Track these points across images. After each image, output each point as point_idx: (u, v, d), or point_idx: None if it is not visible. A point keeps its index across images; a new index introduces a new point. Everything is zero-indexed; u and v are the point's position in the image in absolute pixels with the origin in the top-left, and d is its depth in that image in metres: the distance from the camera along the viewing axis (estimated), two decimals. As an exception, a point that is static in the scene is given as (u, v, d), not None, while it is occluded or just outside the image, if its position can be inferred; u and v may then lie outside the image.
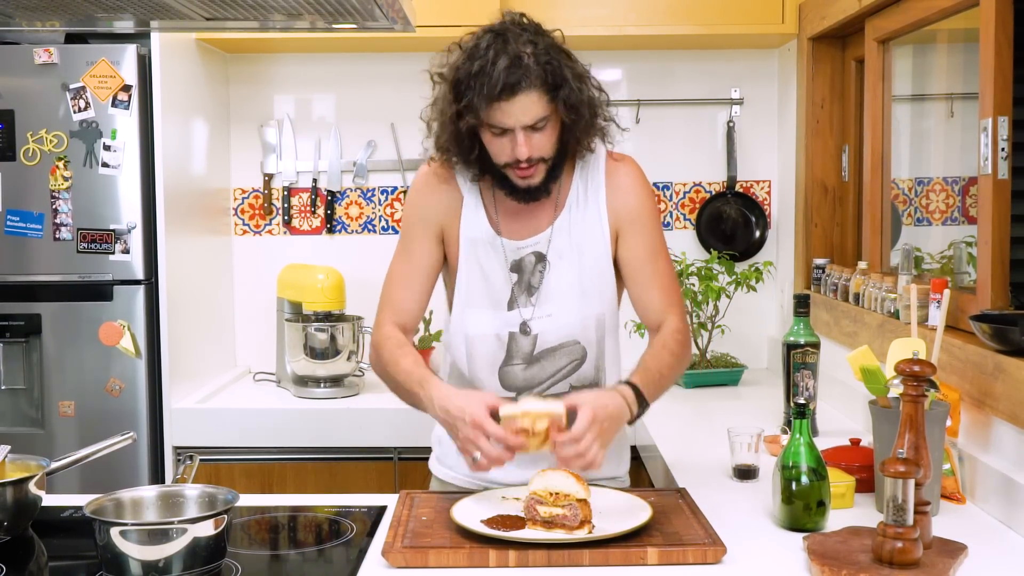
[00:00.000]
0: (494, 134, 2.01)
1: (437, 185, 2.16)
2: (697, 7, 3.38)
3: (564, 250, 2.12)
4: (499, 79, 1.94)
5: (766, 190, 3.75)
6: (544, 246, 2.12)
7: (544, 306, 2.12)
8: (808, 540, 1.75)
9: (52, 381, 3.09)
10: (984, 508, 1.99)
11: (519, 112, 1.97)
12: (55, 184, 3.05)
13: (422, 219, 2.16)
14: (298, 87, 3.75)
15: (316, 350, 3.32)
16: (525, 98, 1.96)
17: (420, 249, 2.15)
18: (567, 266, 2.12)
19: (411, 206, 2.20)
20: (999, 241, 2.23)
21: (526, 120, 1.98)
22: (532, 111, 1.98)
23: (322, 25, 2.26)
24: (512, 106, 1.96)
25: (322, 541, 1.91)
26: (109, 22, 2.31)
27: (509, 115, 1.97)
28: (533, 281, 2.12)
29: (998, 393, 1.99)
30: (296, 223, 3.77)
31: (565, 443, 1.81)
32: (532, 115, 1.98)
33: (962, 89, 2.75)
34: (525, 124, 1.98)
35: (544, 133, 2.01)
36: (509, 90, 1.95)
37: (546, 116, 2.00)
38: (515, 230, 2.13)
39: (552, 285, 2.12)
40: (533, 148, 2.00)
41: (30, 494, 1.85)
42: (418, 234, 2.16)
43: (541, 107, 1.99)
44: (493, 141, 2.02)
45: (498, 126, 1.99)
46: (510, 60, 1.95)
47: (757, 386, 3.41)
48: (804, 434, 1.86)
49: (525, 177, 2.04)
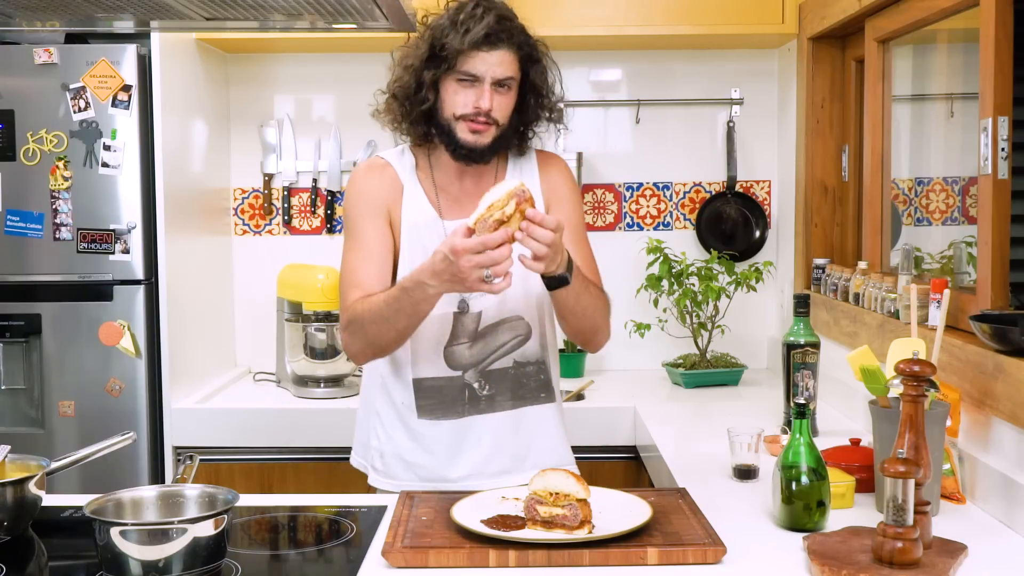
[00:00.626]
0: (461, 84, 2.09)
1: (378, 173, 2.22)
2: (697, 7, 3.38)
3: None
4: (485, 28, 2.05)
5: (766, 190, 3.75)
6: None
7: None
8: (808, 540, 1.75)
9: (52, 381, 3.09)
10: (984, 508, 1.99)
11: (495, 63, 2.07)
12: (55, 184, 3.05)
13: (369, 205, 2.18)
14: (298, 87, 3.75)
15: (316, 350, 3.32)
16: (503, 53, 2.08)
17: (373, 233, 2.17)
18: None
19: (355, 196, 2.21)
20: (999, 241, 2.23)
21: (498, 73, 2.08)
22: (505, 67, 2.09)
23: (322, 25, 2.26)
24: (490, 56, 2.07)
25: (322, 541, 1.91)
26: (109, 22, 2.31)
27: (484, 63, 2.07)
28: None
29: (998, 393, 1.99)
30: (296, 223, 3.77)
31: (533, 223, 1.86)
32: (504, 71, 2.08)
33: (962, 89, 2.75)
34: (496, 77, 2.08)
35: (506, 97, 2.11)
36: (492, 41, 2.06)
37: (513, 79, 2.11)
38: (456, 212, 2.17)
39: None
40: (495, 106, 2.09)
41: (30, 494, 1.85)
42: (367, 220, 2.18)
43: (513, 68, 2.10)
44: (458, 91, 2.10)
45: (470, 74, 2.08)
46: (498, 16, 2.08)
47: (757, 386, 3.41)
48: (804, 434, 1.86)
49: (476, 132, 2.10)
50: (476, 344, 2.18)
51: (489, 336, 2.18)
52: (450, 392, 2.18)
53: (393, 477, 2.24)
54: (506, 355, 2.19)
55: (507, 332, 2.19)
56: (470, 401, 2.19)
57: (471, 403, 2.19)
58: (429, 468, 2.20)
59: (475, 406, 2.19)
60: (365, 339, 2.10)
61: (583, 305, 2.07)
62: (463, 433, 2.19)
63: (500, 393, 2.20)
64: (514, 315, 2.18)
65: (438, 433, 2.19)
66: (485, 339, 2.18)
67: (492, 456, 2.19)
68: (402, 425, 2.22)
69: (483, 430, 2.19)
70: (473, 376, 2.19)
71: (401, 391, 2.21)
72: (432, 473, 2.20)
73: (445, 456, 2.19)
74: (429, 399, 2.19)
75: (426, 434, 2.19)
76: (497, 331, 2.18)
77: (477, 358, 2.18)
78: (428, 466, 2.20)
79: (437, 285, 1.93)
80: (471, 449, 2.19)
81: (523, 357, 2.20)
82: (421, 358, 2.18)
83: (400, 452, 2.22)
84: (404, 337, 2.09)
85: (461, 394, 2.19)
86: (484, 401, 2.19)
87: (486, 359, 2.19)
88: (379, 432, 2.26)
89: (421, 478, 2.20)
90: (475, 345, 2.18)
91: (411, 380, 2.19)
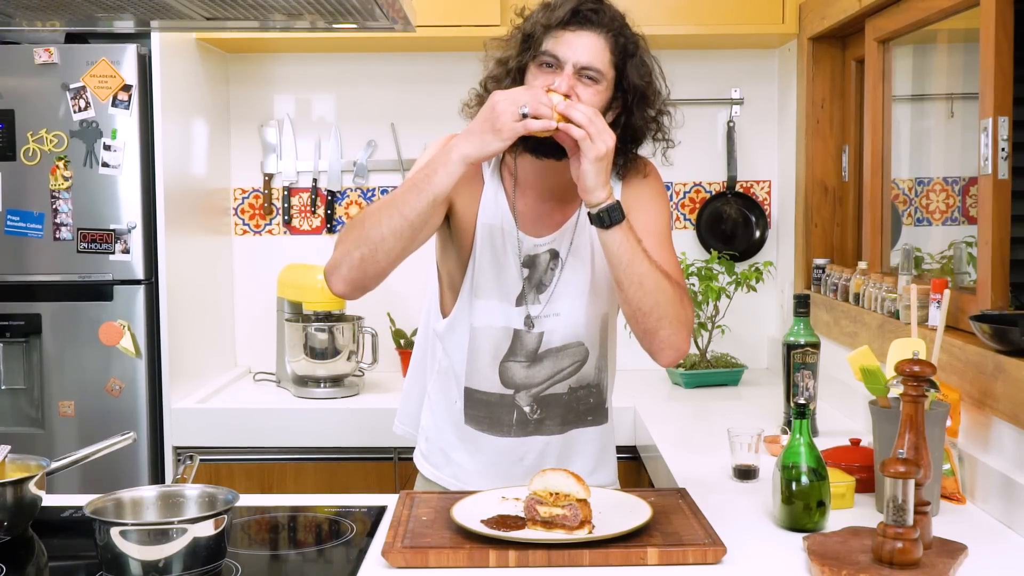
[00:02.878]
0: (542, 68, 1.91)
1: None
2: (697, 7, 3.38)
3: (578, 249, 2.07)
4: (573, 3, 1.89)
5: (766, 190, 3.75)
6: (559, 244, 2.07)
7: (553, 305, 2.08)
8: (808, 540, 1.75)
9: (52, 381, 3.09)
10: (984, 508, 1.99)
11: (578, 47, 1.88)
12: (55, 184, 3.05)
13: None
14: (298, 87, 3.75)
15: (316, 350, 3.32)
16: (591, 36, 1.89)
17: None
18: (580, 265, 2.08)
19: (434, 150, 1.99)
20: (999, 241, 2.23)
21: (583, 58, 1.88)
22: (591, 53, 1.89)
23: (322, 25, 2.25)
24: (576, 38, 1.88)
25: (322, 541, 1.91)
26: (109, 22, 2.31)
27: (567, 45, 1.88)
28: (545, 279, 2.08)
29: (998, 393, 1.99)
30: (296, 223, 3.77)
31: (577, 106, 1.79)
32: (589, 57, 1.88)
33: (962, 89, 2.75)
34: (579, 63, 1.88)
35: (591, 91, 1.90)
36: (578, 20, 1.89)
37: (602, 72, 1.91)
38: (532, 225, 2.07)
39: (563, 285, 2.08)
40: (575, 95, 1.87)
41: (30, 494, 1.85)
42: None
43: (602, 58, 1.90)
44: (537, 74, 1.92)
45: (551, 54, 1.89)
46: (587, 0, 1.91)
47: (757, 386, 3.41)
48: (804, 434, 1.86)
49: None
50: (534, 366, 2.09)
51: (548, 361, 2.09)
52: (499, 410, 2.12)
53: (435, 466, 2.20)
54: (563, 381, 2.11)
55: (567, 358, 2.10)
56: (518, 423, 2.13)
57: (519, 425, 2.13)
58: (468, 471, 2.16)
59: (523, 428, 2.13)
60: (358, 237, 1.87)
61: (639, 272, 1.87)
62: (506, 452, 2.14)
63: (550, 417, 2.13)
64: (576, 340, 2.09)
65: (481, 443, 2.15)
66: (543, 362, 2.09)
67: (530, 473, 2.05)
68: (449, 418, 2.17)
69: (527, 450, 2.13)
70: (525, 399, 2.12)
71: (455, 388, 2.14)
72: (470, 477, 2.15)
73: (485, 465, 2.15)
74: (477, 410, 2.14)
75: (470, 439, 2.16)
76: (558, 356, 2.09)
77: (532, 380, 2.10)
78: (468, 469, 2.16)
79: (465, 140, 1.80)
80: (513, 466, 2.13)
81: (578, 382, 2.12)
82: (475, 369, 2.11)
83: (444, 446, 2.18)
84: (400, 235, 1.85)
85: (509, 414, 2.12)
86: (533, 425, 2.13)
87: (543, 384, 2.11)
88: (428, 416, 2.21)
89: (458, 478, 2.17)
90: (533, 367, 2.09)
91: (464, 387, 2.13)
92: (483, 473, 2.15)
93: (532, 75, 1.93)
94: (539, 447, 2.14)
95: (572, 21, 1.89)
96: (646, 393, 3.30)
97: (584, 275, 2.08)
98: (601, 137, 1.81)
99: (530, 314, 2.07)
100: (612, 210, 1.85)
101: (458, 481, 2.17)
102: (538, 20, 1.92)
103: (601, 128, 1.81)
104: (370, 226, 1.86)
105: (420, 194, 1.84)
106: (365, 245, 1.87)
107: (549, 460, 2.13)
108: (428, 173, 1.84)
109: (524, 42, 1.95)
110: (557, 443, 2.15)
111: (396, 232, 1.86)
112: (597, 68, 1.90)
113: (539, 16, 1.93)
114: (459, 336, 2.11)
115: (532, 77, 1.93)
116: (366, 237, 1.87)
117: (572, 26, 1.89)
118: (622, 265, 1.88)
